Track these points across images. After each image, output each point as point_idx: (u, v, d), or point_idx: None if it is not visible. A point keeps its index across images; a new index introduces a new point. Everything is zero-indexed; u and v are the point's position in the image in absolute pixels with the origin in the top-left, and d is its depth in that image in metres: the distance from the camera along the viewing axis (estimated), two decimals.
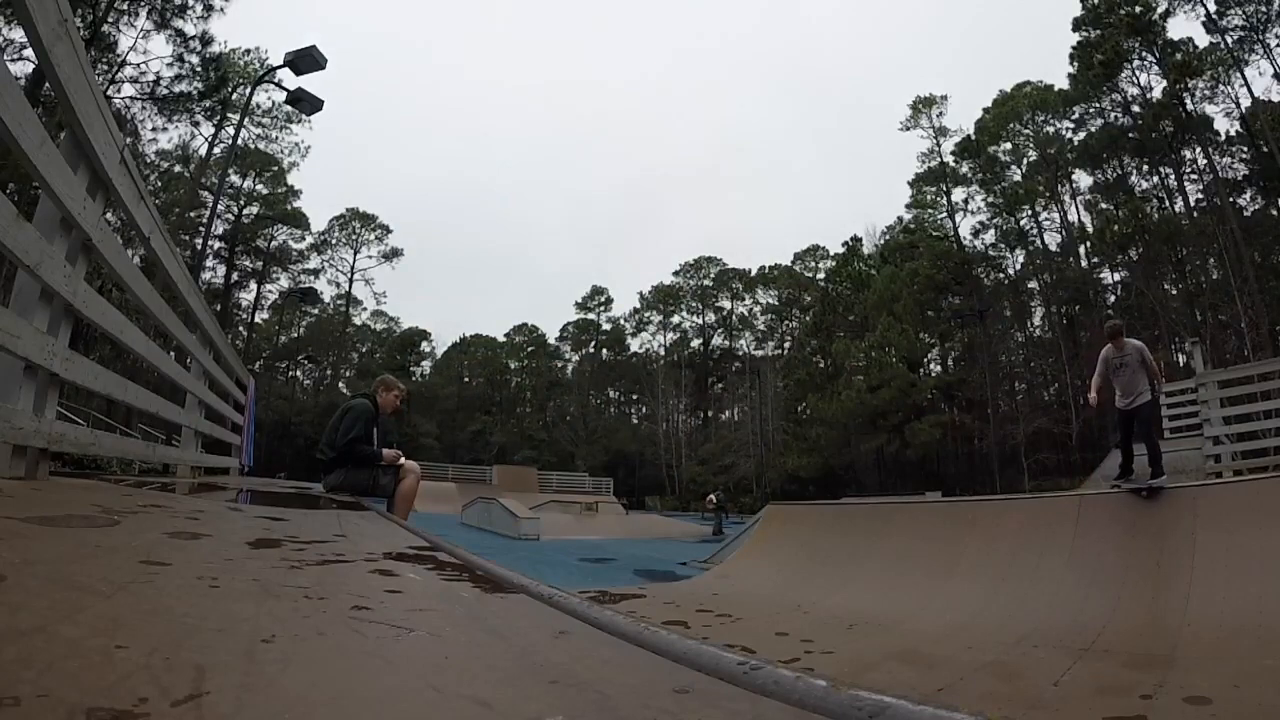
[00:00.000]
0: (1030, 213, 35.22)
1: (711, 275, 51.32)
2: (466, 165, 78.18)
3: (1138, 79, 29.54)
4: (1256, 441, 8.97)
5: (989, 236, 37.00)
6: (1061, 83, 32.51)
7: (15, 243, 1.75)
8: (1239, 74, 26.79)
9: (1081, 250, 33.41)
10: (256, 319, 41.39)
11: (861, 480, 34.72)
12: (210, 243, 29.93)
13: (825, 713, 0.63)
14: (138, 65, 25.65)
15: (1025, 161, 35.42)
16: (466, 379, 51.16)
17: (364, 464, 4.41)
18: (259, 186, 38.01)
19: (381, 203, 73.11)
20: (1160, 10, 28.07)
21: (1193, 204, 29.35)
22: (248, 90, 26.18)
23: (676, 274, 51.90)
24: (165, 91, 26.53)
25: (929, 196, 38.96)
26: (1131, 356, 5.57)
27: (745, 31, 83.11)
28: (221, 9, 25.93)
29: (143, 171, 4.77)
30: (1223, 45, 26.83)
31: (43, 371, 2.13)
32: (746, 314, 50.94)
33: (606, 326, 53.25)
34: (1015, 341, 37.64)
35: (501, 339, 53.10)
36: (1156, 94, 29.06)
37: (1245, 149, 27.62)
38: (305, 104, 10.15)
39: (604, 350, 53.23)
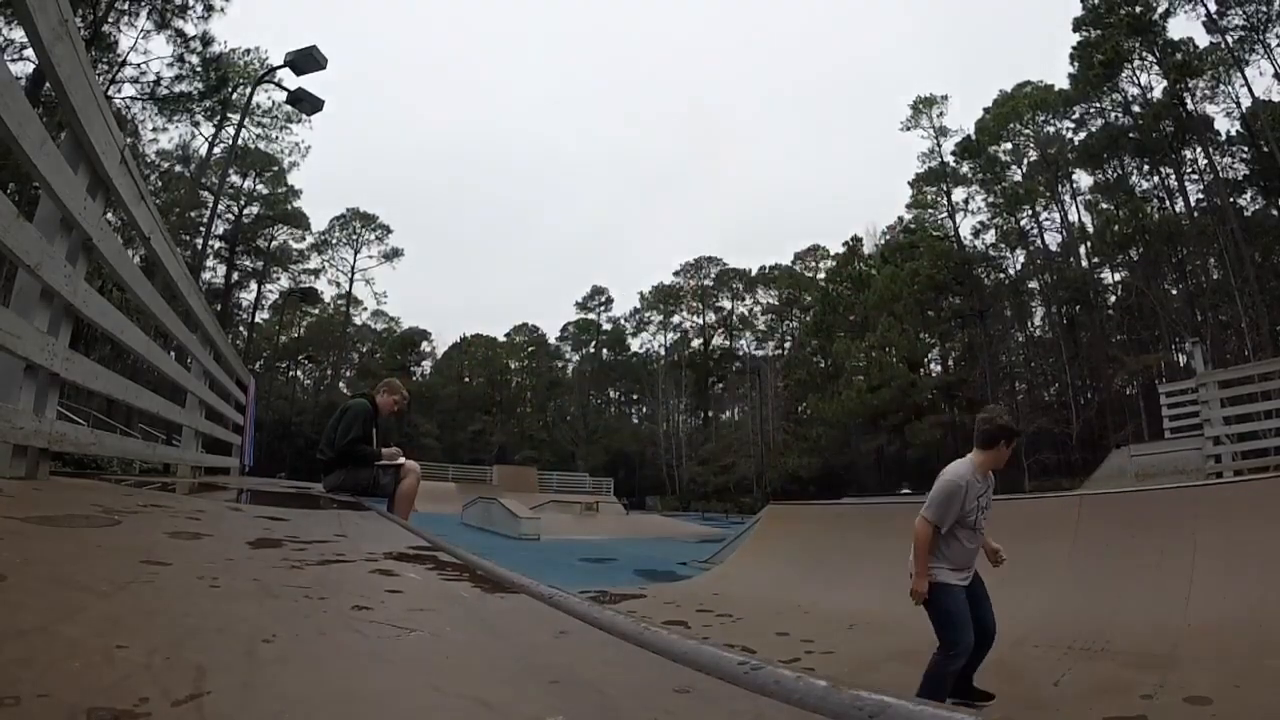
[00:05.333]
0: (1030, 213, 35.21)
1: (712, 275, 51.33)
2: (468, 165, 78.19)
3: (1138, 79, 29.54)
4: (1257, 441, 8.96)
5: (989, 236, 37.01)
6: (1062, 83, 32.52)
7: (16, 243, 1.75)
8: (1239, 74, 26.78)
9: (1082, 250, 33.41)
10: (257, 319, 41.42)
11: (862, 480, 34.72)
12: (210, 243, 29.94)
13: (826, 713, 0.63)
14: (138, 65, 25.67)
15: (1025, 161, 35.40)
16: (467, 379, 51.15)
17: (364, 464, 4.41)
18: (259, 186, 37.98)
19: (382, 202, 72.99)
20: (1160, 10, 28.06)
21: (1193, 204, 29.34)
22: (248, 90, 26.19)
23: (677, 274, 51.95)
24: (165, 91, 26.53)
25: (929, 196, 38.94)
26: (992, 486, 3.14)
27: (745, 30, 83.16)
28: (221, 9, 25.92)
29: (143, 171, 4.78)
30: (1223, 45, 26.81)
31: (43, 371, 2.13)
32: (747, 314, 50.98)
33: (607, 326, 53.28)
34: (1015, 341, 37.64)
35: (501, 339, 53.11)
36: (1157, 94, 29.07)
37: (1246, 149, 27.61)
38: (305, 104, 10.16)
39: (604, 350, 53.22)
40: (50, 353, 2.12)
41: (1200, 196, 29.20)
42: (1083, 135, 32.18)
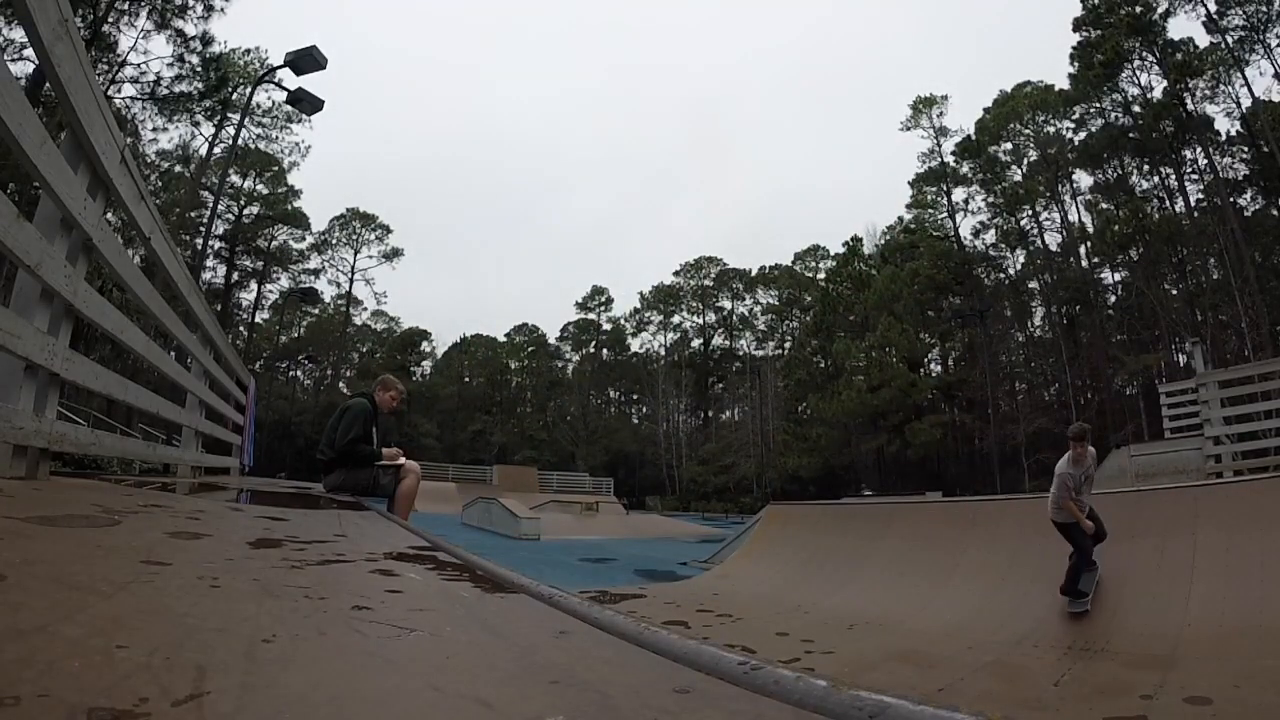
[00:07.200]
0: (1030, 213, 35.19)
1: (712, 275, 51.30)
2: (469, 165, 78.16)
3: (1138, 79, 29.54)
4: (1257, 442, 8.95)
5: (989, 236, 37.01)
6: (1062, 83, 32.51)
7: (16, 243, 1.75)
8: (1239, 74, 26.77)
9: (1082, 250, 33.39)
10: (257, 319, 41.42)
11: (862, 480, 34.71)
12: (210, 243, 29.96)
13: (825, 713, 0.63)
14: (138, 65, 25.66)
15: (1025, 161, 35.39)
16: (467, 379, 51.12)
17: (364, 464, 4.41)
18: (259, 186, 37.99)
19: (382, 202, 72.98)
20: (1160, 10, 28.06)
21: (1193, 204, 29.33)
22: (248, 90, 26.22)
23: (677, 274, 51.91)
24: (165, 91, 26.52)
25: (929, 196, 38.91)
26: (1092, 465, 4.88)
27: (745, 31, 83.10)
28: (221, 9, 25.90)
29: (143, 171, 4.78)
30: (1223, 45, 26.81)
31: (43, 371, 2.13)
32: (747, 314, 50.97)
33: (607, 326, 53.23)
34: (1015, 341, 37.63)
35: (502, 339, 53.06)
36: (1157, 94, 29.06)
37: (1246, 149, 27.60)
38: (305, 104, 10.15)
39: (604, 350, 53.21)
40: (50, 353, 2.12)
41: (1200, 196, 29.20)
42: (1083, 135, 32.19)
